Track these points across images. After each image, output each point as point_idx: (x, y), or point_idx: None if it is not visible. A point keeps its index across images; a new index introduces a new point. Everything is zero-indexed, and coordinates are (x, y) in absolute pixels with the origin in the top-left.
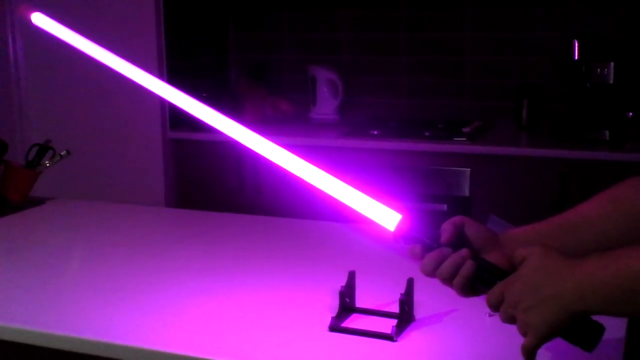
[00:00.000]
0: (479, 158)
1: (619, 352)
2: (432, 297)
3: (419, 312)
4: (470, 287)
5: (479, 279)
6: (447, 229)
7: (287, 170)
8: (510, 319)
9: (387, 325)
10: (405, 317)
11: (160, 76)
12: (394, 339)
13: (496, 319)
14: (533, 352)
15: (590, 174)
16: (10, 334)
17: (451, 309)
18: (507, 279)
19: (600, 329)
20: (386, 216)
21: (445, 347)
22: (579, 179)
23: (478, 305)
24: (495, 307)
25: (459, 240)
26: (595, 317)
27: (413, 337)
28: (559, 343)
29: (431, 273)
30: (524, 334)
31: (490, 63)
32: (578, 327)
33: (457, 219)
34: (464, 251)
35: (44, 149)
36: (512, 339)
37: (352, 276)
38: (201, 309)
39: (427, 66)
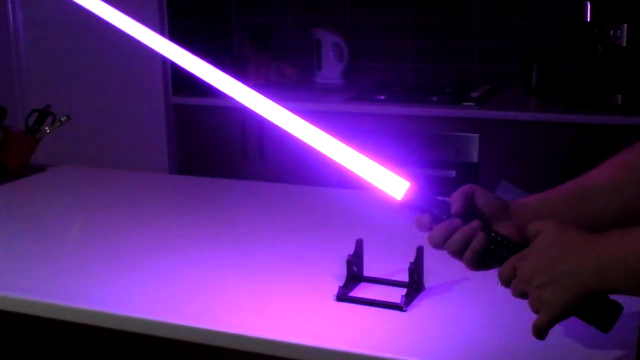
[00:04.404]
0: (488, 123)
1: (633, 330)
2: (442, 265)
3: (428, 281)
4: (481, 261)
5: (491, 252)
6: (457, 199)
7: (291, 136)
8: (522, 295)
9: (396, 294)
10: (414, 286)
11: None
12: (404, 308)
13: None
14: (545, 331)
15: (602, 139)
16: (11, 304)
17: (461, 277)
18: (521, 253)
19: (618, 308)
20: (393, 184)
21: (456, 316)
22: (589, 144)
23: (489, 274)
24: (507, 282)
25: (469, 211)
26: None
27: (423, 307)
28: (572, 321)
29: (440, 245)
30: (536, 312)
31: (499, 25)
32: (594, 306)
33: (467, 188)
34: (474, 223)
35: (44, 114)
36: (523, 308)
37: (359, 244)
38: (205, 277)
39: (434, 29)
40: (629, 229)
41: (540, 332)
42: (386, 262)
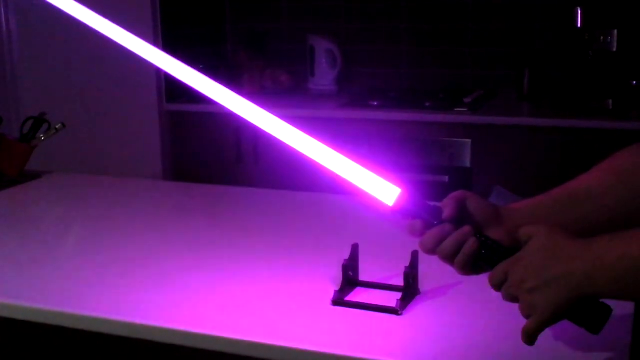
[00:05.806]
0: (480, 128)
1: (627, 333)
2: (437, 269)
3: (424, 285)
4: (473, 266)
5: (482, 257)
6: (448, 204)
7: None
8: (513, 300)
9: (391, 298)
10: (410, 290)
11: (155, 47)
12: (399, 312)
13: None
14: (535, 335)
15: (593, 144)
16: (7, 311)
17: (457, 281)
18: (511, 258)
19: (608, 310)
20: (385, 190)
21: (451, 320)
22: (581, 149)
23: (484, 277)
24: (497, 286)
25: (460, 217)
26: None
27: (418, 311)
28: (562, 324)
29: (431, 251)
30: (527, 316)
31: (492, 31)
32: (584, 309)
33: (458, 193)
34: (466, 228)
35: (39, 122)
36: (518, 313)
37: (355, 249)
38: (200, 283)
39: (427, 35)
40: (618, 233)
41: (530, 336)
42: (381, 267)
